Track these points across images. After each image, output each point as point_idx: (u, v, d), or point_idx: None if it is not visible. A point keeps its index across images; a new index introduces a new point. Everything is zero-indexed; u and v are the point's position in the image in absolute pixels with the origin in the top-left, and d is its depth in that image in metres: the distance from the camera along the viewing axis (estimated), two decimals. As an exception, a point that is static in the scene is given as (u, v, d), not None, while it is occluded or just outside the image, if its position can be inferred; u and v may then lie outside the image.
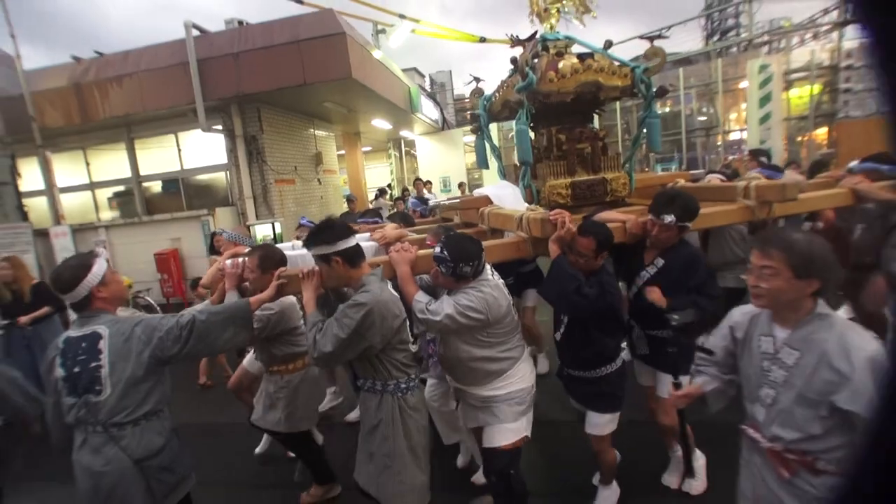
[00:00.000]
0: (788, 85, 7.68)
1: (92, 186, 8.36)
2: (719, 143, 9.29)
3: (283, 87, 6.89)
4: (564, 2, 3.53)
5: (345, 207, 10.30)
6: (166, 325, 2.04)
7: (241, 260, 2.69)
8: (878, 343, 1.47)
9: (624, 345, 2.82)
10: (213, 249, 4.00)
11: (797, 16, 13.71)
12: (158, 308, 6.97)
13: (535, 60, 3.28)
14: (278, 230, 7.35)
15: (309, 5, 8.59)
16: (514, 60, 3.47)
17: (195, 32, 6.97)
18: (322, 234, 2.21)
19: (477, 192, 3.76)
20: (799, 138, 8.10)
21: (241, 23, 7.94)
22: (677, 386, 2.20)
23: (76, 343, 1.96)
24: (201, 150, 7.93)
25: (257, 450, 3.71)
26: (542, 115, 3.41)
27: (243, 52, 6.83)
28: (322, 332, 2.07)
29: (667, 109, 9.35)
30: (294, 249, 2.93)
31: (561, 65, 3.19)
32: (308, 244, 2.23)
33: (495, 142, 4.13)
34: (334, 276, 2.23)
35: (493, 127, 4.60)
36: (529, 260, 3.88)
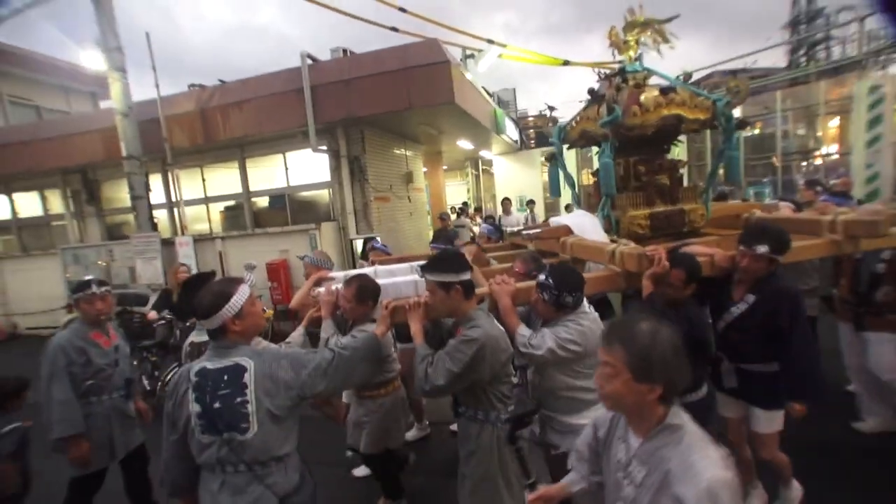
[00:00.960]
0: None
1: (206, 201, 9.13)
2: (818, 166, 8.96)
3: (389, 111, 7.36)
4: (643, 34, 3.63)
5: (426, 223, 10.71)
6: (314, 361, 1.99)
7: (335, 287, 2.78)
8: (723, 468, 1.23)
9: None
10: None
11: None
12: (268, 314, 7.52)
13: (618, 93, 3.36)
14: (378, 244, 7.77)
15: (404, 33, 9.13)
16: (591, 91, 3.61)
17: (308, 61, 7.57)
18: (447, 262, 2.29)
19: (554, 221, 3.77)
20: None
21: (345, 51, 8.55)
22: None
23: (216, 376, 1.81)
24: (306, 168, 8.52)
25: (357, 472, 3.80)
26: (621, 146, 3.44)
27: (354, 78, 7.35)
28: (433, 365, 2.13)
29: (756, 132, 9.17)
30: (377, 276, 2.97)
31: (643, 98, 3.26)
32: (430, 270, 2.26)
33: (570, 168, 4.19)
34: (447, 306, 2.28)
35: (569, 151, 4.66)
36: None
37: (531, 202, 11.97)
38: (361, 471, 3.72)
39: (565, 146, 3.99)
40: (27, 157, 9.35)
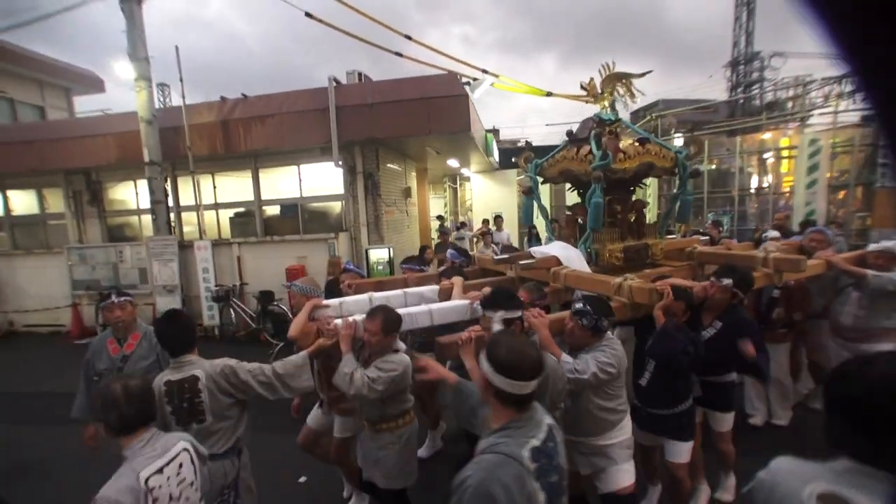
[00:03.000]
0: (834, 155, 9.09)
1: (217, 207, 9.53)
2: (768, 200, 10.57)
3: (409, 136, 8.20)
4: (616, 84, 4.03)
5: (413, 235, 11.48)
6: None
7: (351, 319, 2.79)
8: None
9: None
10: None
11: (818, 73, 15.20)
12: (290, 314, 8.09)
13: (600, 140, 3.67)
14: (351, 267, 8.55)
15: (408, 58, 9.96)
16: (570, 133, 4.01)
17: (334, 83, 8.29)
18: (512, 299, 2.42)
19: (536, 251, 3.88)
20: (840, 196, 9.50)
21: (360, 74, 9.32)
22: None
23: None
24: (319, 180, 9.18)
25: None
26: (617, 186, 3.82)
27: (377, 103, 8.14)
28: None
29: (712, 167, 10.73)
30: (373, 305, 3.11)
31: (624, 146, 3.68)
32: (495, 307, 2.36)
33: (544, 201, 4.47)
34: None
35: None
36: None
37: (498, 217, 12.82)
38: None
39: (540, 180, 4.30)
40: (30, 156, 9.42)
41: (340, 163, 8.63)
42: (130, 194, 10.10)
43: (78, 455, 3.38)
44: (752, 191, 10.43)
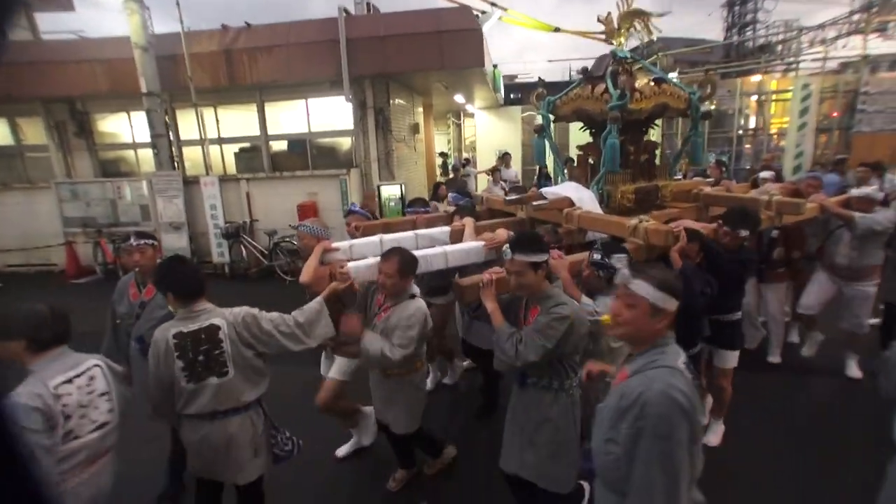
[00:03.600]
0: (822, 100, 9.40)
1: (220, 141, 9.25)
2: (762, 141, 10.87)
3: (422, 70, 8.02)
4: (635, 22, 3.90)
5: (421, 171, 11.43)
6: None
7: (362, 264, 2.76)
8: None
9: None
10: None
11: (806, 19, 15.28)
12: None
13: (619, 78, 3.53)
14: (356, 208, 8.56)
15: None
16: (585, 70, 3.93)
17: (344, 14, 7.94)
18: (538, 242, 2.35)
19: (548, 192, 3.79)
20: (823, 139, 9.91)
21: (369, 5, 8.92)
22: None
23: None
24: (328, 115, 8.96)
25: (340, 452, 3.57)
26: (630, 125, 3.70)
27: (389, 36, 7.87)
28: (522, 342, 2.22)
29: (712, 107, 10.90)
30: (384, 247, 3.07)
31: (640, 85, 3.59)
32: (522, 251, 2.27)
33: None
34: (529, 285, 2.30)
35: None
36: None
37: (506, 154, 12.93)
38: (345, 450, 3.56)
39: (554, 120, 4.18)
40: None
41: (351, 97, 8.43)
42: (124, 127, 9.64)
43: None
44: (751, 132, 10.70)
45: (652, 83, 3.71)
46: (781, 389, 4.26)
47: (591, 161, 4.10)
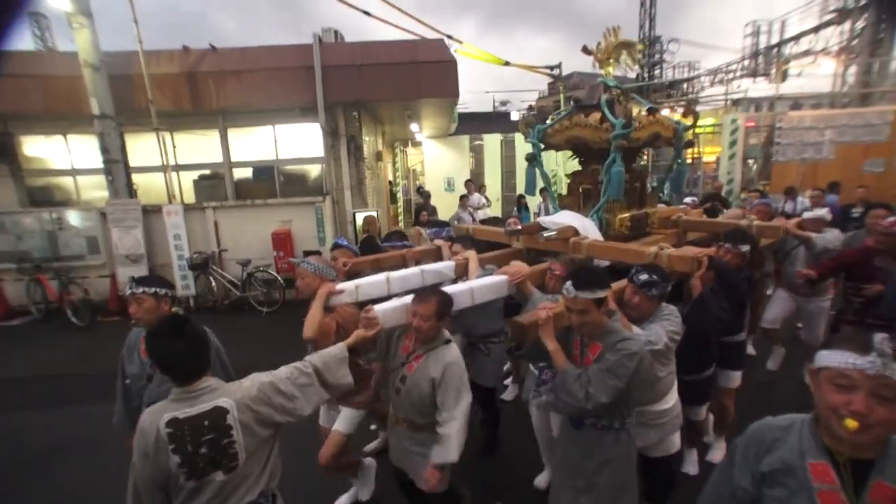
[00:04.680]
0: (747, 135, 10.94)
1: (178, 168, 8.69)
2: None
3: (400, 100, 8.20)
4: (623, 56, 3.96)
5: (382, 199, 11.46)
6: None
7: (388, 307, 2.44)
8: None
9: None
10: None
11: (706, 62, 17.56)
12: (281, 281, 7.88)
13: (616, 107, 3.63)
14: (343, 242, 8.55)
15: (376, 18, 9.79)
16: (577, 100, 3.99)
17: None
18: (601, 278, 2.19)
19: (546, 221, 3.70)
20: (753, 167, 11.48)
21: (336, 32, 8.97)
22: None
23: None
24: (296, 142, 8.80)
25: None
26: (601, 155, 3.69)
27: (366, 65, 7.98)
28: (591, 383, 2.08)
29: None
30: (391, 285, 2.94)
31: (636, 115, 3.68)
32: (585, 287, 2.12)
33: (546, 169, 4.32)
34: (592, 323, 2.17)
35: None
36: None
37: (469, 182, 13.00)
38: (344, 501, 3.28)
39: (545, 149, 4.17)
40: None
41: (325, 125, 8.37)
42: (59, 151, 8.77)
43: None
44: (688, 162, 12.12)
45: (645, 112, 3.78)
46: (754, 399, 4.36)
47: (583, 189, 4.07)
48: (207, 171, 8.89)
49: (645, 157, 5.03)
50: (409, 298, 2.49)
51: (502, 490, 2.62)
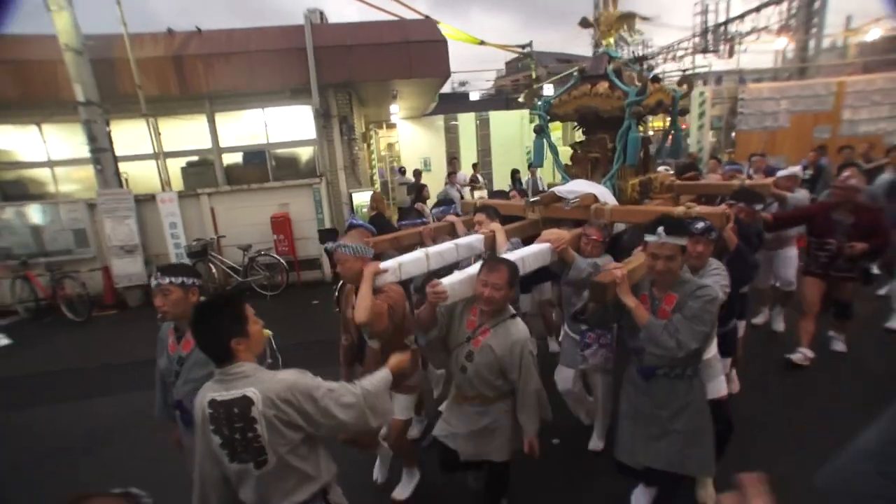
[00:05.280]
0: (713, 105, 11.79)
1: (164, 155, 8.45)
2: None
3: (391, 79, 8.31)
4: (624, 24, 4.07)
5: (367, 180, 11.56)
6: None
7: (455, 280, 2.44)
8: None
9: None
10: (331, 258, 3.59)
11: (657, 39, 18.47)
12: (284, 264, 7.91)
13: (624, 75, 3.72)
14: (357, 221, 8.68)
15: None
16: (582, 70, 3.99)
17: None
18: (686, 225, 2.36)
19: (562, 191, 3.74)
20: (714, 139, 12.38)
21: (321, 14, 8.95)
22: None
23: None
24: (286, 125, 8.77)
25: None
26: (612, 123, 3.80)
27: (357, 45, 8.04)
28: (679, 331, 2.16)
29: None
30: (430, 261, 2.89)
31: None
32: (674, 232, 2.20)
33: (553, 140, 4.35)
34: (675, 270, 2.25)
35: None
36: None
37: (454, 159, 13.08)
38: (404, 491, 3.15)
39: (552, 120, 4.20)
40: None
41: (319, 106, 8.37)
42: (32, 142, 8.35)
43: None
44: (659, 130, 12.85)
45: (651, 81, 3.79)
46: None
47: (591, 157, 4.11)
48: (195, 158, 8.73)
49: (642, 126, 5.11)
50: (473, 270, 2.52)
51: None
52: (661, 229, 2.20)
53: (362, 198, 8.63)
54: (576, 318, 2.81)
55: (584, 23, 4.15)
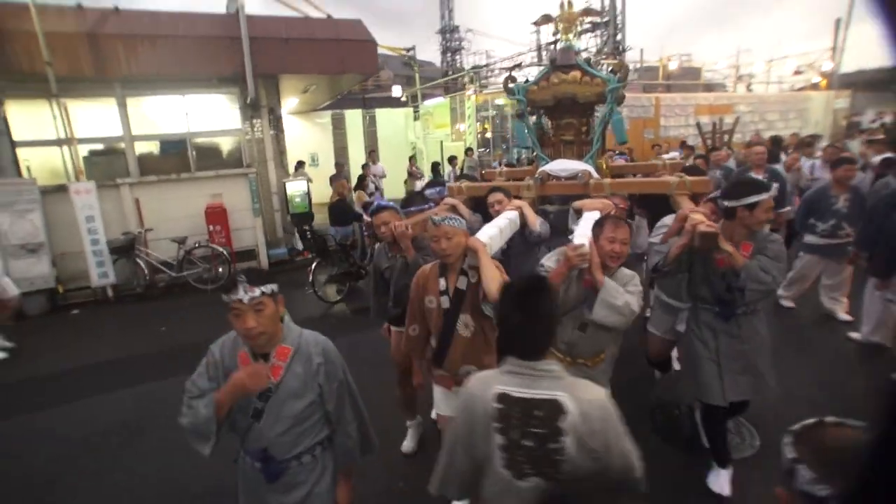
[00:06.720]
0: None
1: (68, 142, 7.53)
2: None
3: (324, 74, 8.66)
4: (577, 23, 4.32)
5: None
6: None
7: (586, 240, 2.42)
8: None
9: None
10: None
11: (500, 50, 21.16)
12: (226, 254, 7.72)
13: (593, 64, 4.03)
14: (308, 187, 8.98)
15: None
16: (553, 60, 4.17)
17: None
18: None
19: (554, 169, 3.90)
20: None
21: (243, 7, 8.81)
22: None
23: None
24: (207, 113, 8.47)
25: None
26: (584, 108, 4.19)
27: (293, 38, 8.24)
28: (768, 273, 2.47)
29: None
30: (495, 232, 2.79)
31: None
32: (735, 198, 2.53)
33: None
34: (743, 228, 2.58)
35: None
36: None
37: (373, 152, 13.30)
38: None
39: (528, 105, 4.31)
40: None
41: (253, 96, 8.28)
42: None
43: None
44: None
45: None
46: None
47: (563, 140, 4.32)
48: (100, 147, 7.92)
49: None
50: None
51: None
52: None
53: (297, 187, 8.85)
54: (655, 270, 2.89)
55: (547, 18, 4.44)
